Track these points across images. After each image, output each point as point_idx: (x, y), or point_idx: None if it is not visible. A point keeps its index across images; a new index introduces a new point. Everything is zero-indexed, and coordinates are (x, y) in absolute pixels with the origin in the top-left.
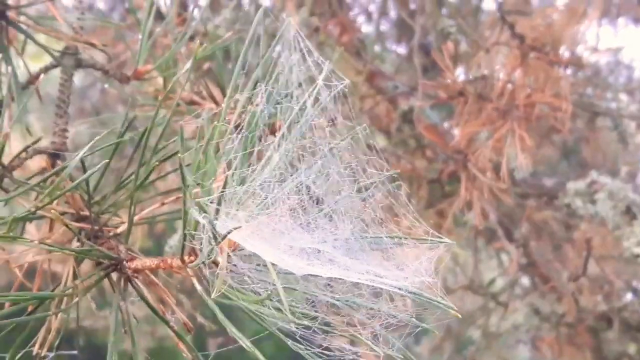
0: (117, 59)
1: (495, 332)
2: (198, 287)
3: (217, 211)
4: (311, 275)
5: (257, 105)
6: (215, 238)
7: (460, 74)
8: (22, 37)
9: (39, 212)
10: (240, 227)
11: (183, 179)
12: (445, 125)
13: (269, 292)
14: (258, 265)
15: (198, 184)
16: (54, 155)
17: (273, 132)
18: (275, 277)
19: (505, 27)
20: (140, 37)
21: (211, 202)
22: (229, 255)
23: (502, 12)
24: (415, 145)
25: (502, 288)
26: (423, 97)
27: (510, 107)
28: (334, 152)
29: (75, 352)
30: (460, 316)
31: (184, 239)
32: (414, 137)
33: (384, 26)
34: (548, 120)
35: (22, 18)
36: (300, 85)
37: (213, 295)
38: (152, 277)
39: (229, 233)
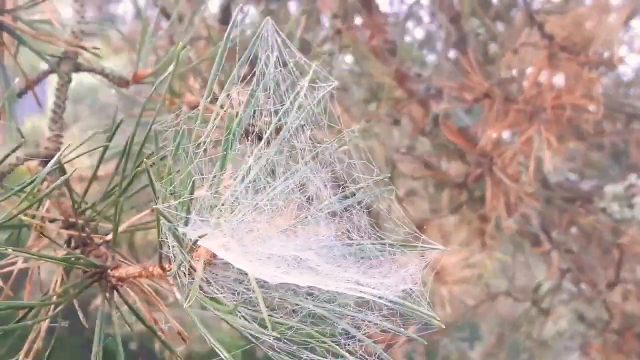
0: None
1: (539, 338)
2: (178, 296)
3: (187, 219)
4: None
5: (233, 108)
6: (181, 246)
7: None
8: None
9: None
10: (205, 234)
11: (152, 186)
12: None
13: (236, 303)
14: (237, 273)
15: (172, 193)
16: (47, 162)
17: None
18: (255, 285)
19: (535, 26)
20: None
21: (183, 210)
22: (207, 264)
23: (531, 11)
24: (453, 148)
25: (545, 293)
26: (450, 100)
27: (538, 108)
28: (319, 159)
29: None
30: (444, 326)
31: (161, 247)
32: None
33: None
34: (585, 122)
35: (18, 23)
36: (278, 87)
37: (186, 305)
38: (145, 285)
39: (195, 242)
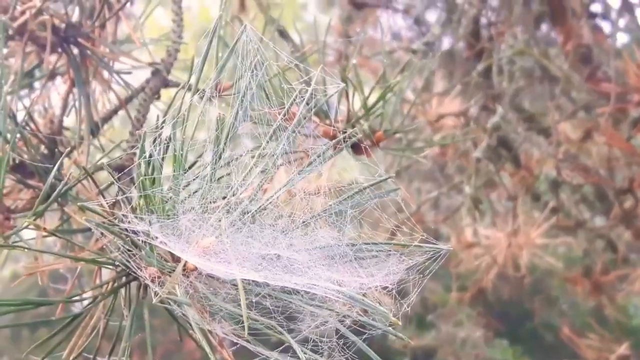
0: None
1: None
2: (179, 293)
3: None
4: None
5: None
6: (127, 245)
7: None
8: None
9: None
10: (149, 230)
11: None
12: None
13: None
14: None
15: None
16: (118, 171)
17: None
18: (240, 284)
19: None
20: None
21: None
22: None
23: None
24: None
25: None
26: (616, 102)
27: None
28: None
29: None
30: (400, 323)
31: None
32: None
33: None
34: None
35: (97, 45)
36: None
37: (155, 300)
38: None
39: (145, 236)
